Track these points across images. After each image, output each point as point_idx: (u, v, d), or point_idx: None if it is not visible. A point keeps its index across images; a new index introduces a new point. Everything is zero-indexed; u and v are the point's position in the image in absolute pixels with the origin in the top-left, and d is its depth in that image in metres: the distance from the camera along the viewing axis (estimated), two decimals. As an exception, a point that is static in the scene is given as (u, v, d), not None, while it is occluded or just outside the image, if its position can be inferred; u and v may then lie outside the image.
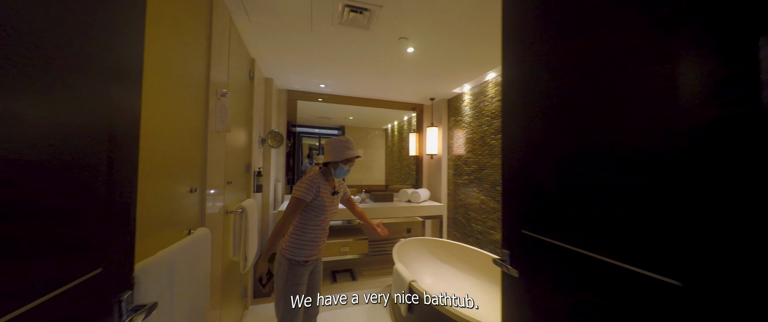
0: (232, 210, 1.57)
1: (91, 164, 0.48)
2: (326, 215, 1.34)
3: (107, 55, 0.53)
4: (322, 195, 1.30)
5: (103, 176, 0.52)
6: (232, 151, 1.68)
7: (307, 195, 1.25)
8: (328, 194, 1.34)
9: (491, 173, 2.41)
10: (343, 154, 1.35)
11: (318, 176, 1.33)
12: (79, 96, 0.46)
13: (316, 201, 1.29)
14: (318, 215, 1.30)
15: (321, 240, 1.36)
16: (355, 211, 1.68)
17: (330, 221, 1.42)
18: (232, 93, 1.70)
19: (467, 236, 2.77)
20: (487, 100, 2.48)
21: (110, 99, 0.54)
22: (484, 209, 2.51)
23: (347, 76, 2.51)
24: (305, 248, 1.30)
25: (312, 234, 1.31)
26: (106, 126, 0.53)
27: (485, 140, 2.50)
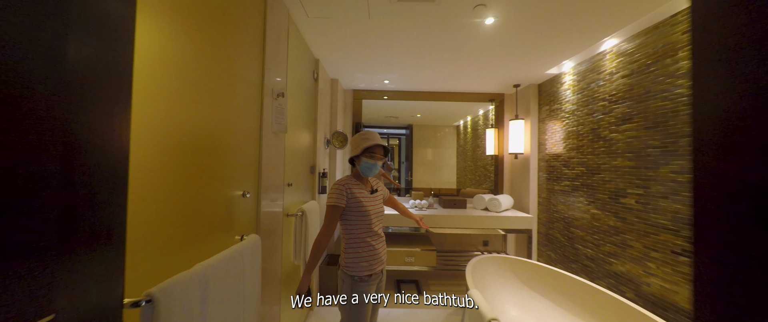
0: (292, 213, 1.51)
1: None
2: (370, 217, 1.20)
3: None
4: (358, 196, 1.18)
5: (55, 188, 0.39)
6: (294, 153, 1.63)
7: (340, 200, 1.15)
8: (364, 194, 1.22)
9: (610, 178, 1.74)
10: (359, 145, 1.22)
11: (348, 179, 1.23)
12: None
13: (353, 203, 1.17)
14: (361, 218, 1.18)
15: (378, 247, 1.21)
16: (400, 209, 1.54)
17: (381, 225, 1.28)
18: (295, 94, 1.65)
19: (568, 260, 2.12)
20: (603, 79, 1.81)
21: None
22: (597, 228, 1.84)
23: (412, 68, 2.24)
24: (363, 260, 1.17)
25: (365, 242, 1.18)
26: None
27: (599, 134, 1.83)
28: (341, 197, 1.15)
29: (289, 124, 1.55)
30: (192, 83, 0.77)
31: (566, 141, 2.16)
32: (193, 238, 0.77)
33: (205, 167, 0.82)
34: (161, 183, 0.67)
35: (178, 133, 0.72)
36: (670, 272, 1.37)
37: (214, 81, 0.86)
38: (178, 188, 0.72)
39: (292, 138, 1.59)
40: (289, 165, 1.54)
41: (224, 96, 0.91)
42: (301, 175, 1.82)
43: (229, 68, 0.93)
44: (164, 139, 0.68)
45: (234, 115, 0.96)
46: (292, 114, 1.59)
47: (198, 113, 0.80)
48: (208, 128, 0.84)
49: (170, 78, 0.69)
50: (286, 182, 1.44)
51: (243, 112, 1.02)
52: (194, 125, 0.78)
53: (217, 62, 0.87)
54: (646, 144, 1.50)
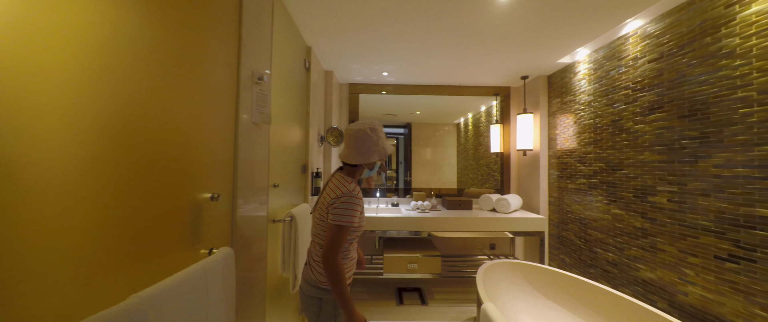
0: (279, 219, 1.30)
1: None
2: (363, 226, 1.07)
3: None
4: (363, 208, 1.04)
5: None
6: (282, 149, 1.43)
7: (354, 219, 0.95)
8: None
9: (636, 174, 1.57)
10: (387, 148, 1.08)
11: (356, 188, 1.01)
12: None
13: (360, 221, 1.02)
14: (356, 230, 1.02)
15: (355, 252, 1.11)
16: None
17: None
18: (283, 83, 1.45)
19: (585, 265, 1.95)
20: (625, 65, 1.65)
21: None
22: (620, 230, 1.67)
23: (413, 58, 2.05)
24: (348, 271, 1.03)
25: (351, 253, 1.06)
26: None
27: (621, 126, 1.67)
28: (356, 214, 0.96)
29: (276, 117, 1.35)
30: (139, 60, 0.57)
31: (581, 135, 2.00)
32: (138, 257, 0.57)
33: (159, 166, 0.63)
34: (87, 190, 0.47)
35: (115, 125, 0.52)
36: (714, 281, 1.20)
37: (170, 58, 0.66)
38: (114, 195, 0.52)
39: (279, 133, 1.39)
40: (276, 163, 1.33)
41: (185, 76, 0.71)
42: (291, 174, 1.62)
43: (192, 43, 0.73)
44: (94, 133, 0.48)
45: (199, 101, 0.77)
46: (279, 105, 1.39)
47: (145, 97, 0.60)
48: (163, 117, 0.64)
49: (103, 54, 0.50)
50: (271, 183, 1.24)
51: (212, 97, 0.82)
52: (142, 113, 0.58)
53: (174, 33, 0.67)
54: (681, 135, 1.33)
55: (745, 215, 1.10)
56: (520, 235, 2.21)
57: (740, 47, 1.12)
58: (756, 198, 1.07)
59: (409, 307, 2.20)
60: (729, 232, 1.15)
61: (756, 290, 1.06)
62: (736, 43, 1.13)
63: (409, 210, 2.42)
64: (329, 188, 1.02)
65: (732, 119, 1.14)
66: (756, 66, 1.07)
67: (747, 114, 1.10)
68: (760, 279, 1.05)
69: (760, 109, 1.06)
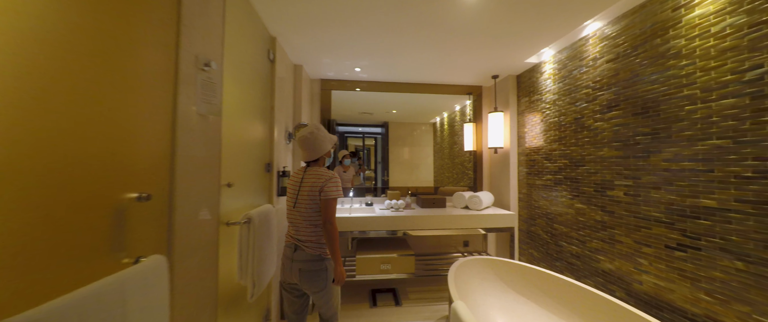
0: (234, 221, 1.19)
1: None
2: None
3: None
4: None
5: None
6: (239, 146, 1.32)
7: (341, 193, 1.32)
8: None
9: (596, 169, 1.63)
10: (329, 138, 1.40)
11: (334, 172, 1.35)
12: None
13: None
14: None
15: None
16: None
17: None
18: (242, 74, 1.34)
19: (552, 259, 2.01)
20: (586, 65, 1.72)
21: None
22: (582, 223, 1.74)
23: (385, 54, 2.01)
24: None
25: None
26: None
27: (583, 123, 1.73)
28: (341, 188, 1.33)
29: (233, 110, 1.24)
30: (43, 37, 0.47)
31: (547, 133, 2.06)
32: (30, 269, 0.46)
33: (66, 163, 0.52)
34: None
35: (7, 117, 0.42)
36: (665, 269, 1.27)
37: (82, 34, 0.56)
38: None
39: (236, 127, 1.28)
40: (231, 160, 1.23)
41: (104, 56, 0.61)
42: (252, 173, 1.50)
43: (110, 15, 0.63)
44: None
45: (124, 86, 0.66)
46: (236, 97, 1.28)
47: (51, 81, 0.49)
48: (75, 106, 0.53)
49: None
50: (223, 182, 1.13)
51: (142, 83, 0.71)
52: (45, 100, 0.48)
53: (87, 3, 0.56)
54: (635, 131, 1.40)
55: (691, 205, 1.17)
56: (492, 231, 2.24)
57: (685, 48, 1.19)
58: (700, 190, 1.13)
59: (382, 309, 2.15)
60: (677, 222, 1.22)
61: (701, 276, 1.13)
62: (682, 44, 1.20)
63: (383, 209, 2.38)
64: (311, 179, 1.30)
65: (679, 116, 1.21)
66: (699, 65, 1.14)
67: (692, 111, 1.17)
68: (705, 266, 1.12)
69: (703, 106, 1.13)
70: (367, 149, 3.06)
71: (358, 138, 3.12)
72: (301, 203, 1.30)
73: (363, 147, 3.06)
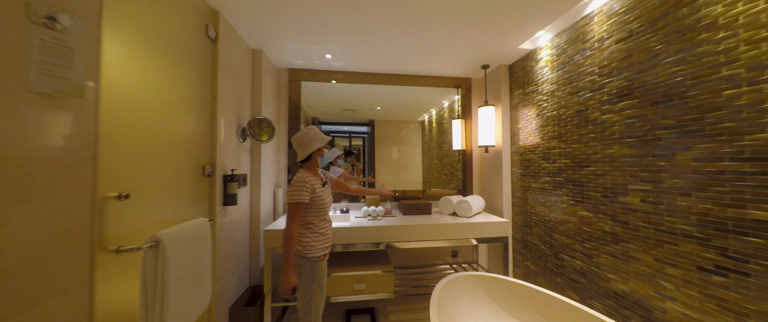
0: (128, 248, 0.87)
1: None
2: (327, 207, 1.35)
3: None
4: (318, 191, 1.30)
5: None
6: (151, 143, 0.99)
7: (304, 196, 1.23)
8: (320, 186, 1.33)
9: (604, 171, 1.37)
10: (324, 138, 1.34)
11: (306, 174, 1.29)
12: None
13: (315, 198, 1.28)
14: (320, 209, 1.31)
15: (330, 231, 1.38)
16: (352, 190, 1.64)
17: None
18: (162, 50, 1.02)
19: (551, 273, 1.75)
20: (590, 48, 1.46)
21: None
22: (588, 234, 1.47)
23: (359, 38, 1.71)
24: (320, 243, 1.31)
25: (322, 228, 1.33)
26: None
27: (587, 116, 1.47)
28: (305, 192, 1.23)
29: (136, 96, 0.92)
30: None
31: (544, 129, 1.80)
32: None
33: None
34: None
35: None
36: (697, 297, 1.01)
37: None
38: None
39: (142, 118, 0.96)
40: (129, 162, 0.91)
41: None
42: (178, 179, 1.18)
43: None
44: None
45: None
46: (142, 77, 0.96)
47: None
48: None
49: None
50: (110, 192, 0.81)
51: None
52: None
53: None
54: (654, 124, 1.14)
55: (735, 218, 0.91)
56: (484, 241, 1.96)
57: (723, 17, 0.93)
58: (747, 198, 0.88)
59: (358, 334, 1.84)
60: (715, 238, 0.96)
61: (750, 310, 0.87)
62: (718, 11, 0.94)
63: (359, 217, 2.08)
64: None
65: (715, 103, 0.95)
66: (744, 37, 0.88)
67: (734, 96, 0.91)
68: (755, 297, 0.86)
69: (749, 90, 0.87)
70: (356, 150, 2.83)
71: (345, 137, 2.89)
72: None
73: (350, 147, 2.81)
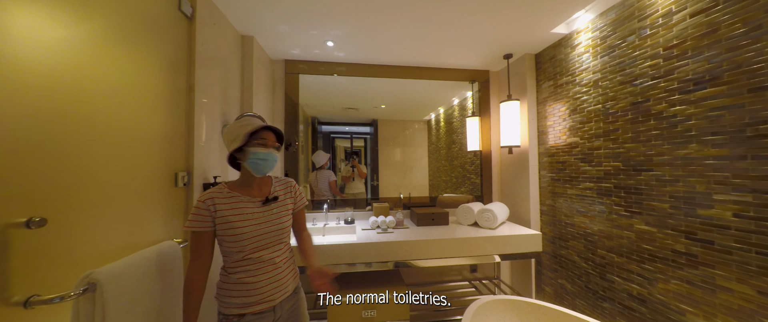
0: (46, 298, 0.59)
1: None
2: (247, 240, 0.86)
3: None
4: (227, 213, 0.86)
5: None
6: (96, 146, 0.72)
7: (199, 223, 0.84)
8: (243, 207, 0.89)
9: (675, 176, 1.11)
10: (239, 133, 0.88)
11: (219, 189, 0.90)
12: None
13: (221, 224, 0.85)
14: (236, 243, 0.86)
15: (263, 278, 0.88)
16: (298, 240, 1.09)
17: (277, 245, 0.93)
18: (116, 21, 0.75)
19: (596, 297, 1.48)
20: (652, 25, 1.19)
21: None
22: (650, 253, 1.21)
23: (364, 22, 1.45)
24: (234, 296, 0.86)
25: (239, 274, 0.86)
26: None
27: (647, 109, 1.21)
28: (200, 218, 0.84)
29: (79, 81, 0.65)
30: None
31: (585, 126, 1.54)
32: None
33: None
34: None
35: None
36: (836, 347, 0.74)
37: None
38: None
39: (75, 110, 0.69)
40: (50, 172, 0.63)
41: None
42: (137, 191, 0.91)
43: None
44: None
45: None
46: (81, 56, 0.69)
47: None
48: None
49: None
50: (18, 218, 0.54)
51: None
52: None
53: None
54: (756, 117, 0.88)
55: None
56: (512, 258, 1.69)
57: None
58: None
59: (367, 368, 1.57)
60: None
61: None
62: None
63: (366, 229, 1.80)
64: None
65: None
66: None
67: None
68: None
69: None
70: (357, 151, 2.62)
71: (346, 138, 2.68)
72: None
73: (352, 148, 2.59)
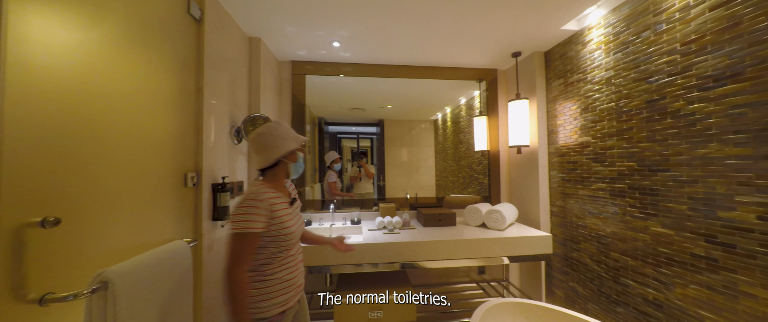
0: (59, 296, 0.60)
1: None
2: (293, 236, 0.89)
3: None
4: (280, 212, 0.86)
5: None
6: (105, 147, 0.74)
7: (257, 223, 0.80)
8: (285, 207, 0.90)
9: (694, 177, 1.06)
10: (294, 136, 0.93)
11: (261, 188, 0.86)
12: None
13: (275, 224, 0.84)
14: (283, 242, 0.86)
15: (296, 272, 0.92)
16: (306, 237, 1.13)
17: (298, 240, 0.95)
18: (126, 24, 0.76)
19: (610, 301, 1.44)
20: (668, 20, 1.15)
21: None
22: (667, 256, 1.16)
23: (370, 21, 1.44)
24: (276, 295, 0.86)
25: (282, 272, 0.87)
26: None
27: (665, 107, 1.17)
28: (259, 218, 0.80)
29: (90, 83, 0.66)
30: None
31: (597, 124, 1.49)
32: None
33: None
34: None
35: None
36: None
37: None
38: None
39: (86, 111, 0.70)
40: (65, 173, 0.65)
41: None
42: (147, 192, 0.92)
43: None
44: None
45: None
46: (91, 59, 0.70)
47: None
48: None
49: None
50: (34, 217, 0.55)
51: None
52: None
53: None
54: (784, 114, 0.84)
55: None
56: (521, 260, 1.66)
57: None
58: None
59: (373, 370, 1.56)
60: None
61: None
62: None
63: (373, 230, 1.80)
64: None
65: None
66: None
67: None
68: None
69: None
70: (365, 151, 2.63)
71: (352, 139, 2.69)
72: None
73: (358, 148, 2.60)
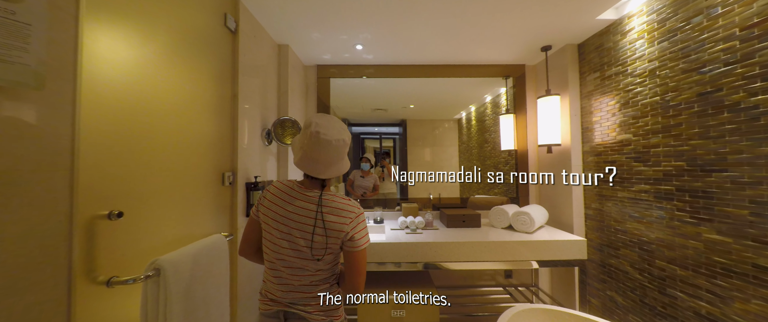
0: (122, 279, 0.69)
1: None
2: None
3: None
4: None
5: None
6: (163, 148, 0.83)
7: None
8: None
9: (757, 178, 0.95)
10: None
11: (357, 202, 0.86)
12: None
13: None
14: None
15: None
16: None
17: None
18: (170, 40, 0.86)
19: (654, 313, 1.32)
20: (723, 4, 1.03)
21: None
22: (724, 266, 1.04)
23: (392, 23, 1.45)
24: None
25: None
26: None
27: (720, 100, 1.05)
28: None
29: (144, 91, 0.75)
30: None
31: (639, 121, 1.38)
32: None
33: None
34: None
35: None
36: None
37: None
38: None
39: (142, 117, 0.79)
40: (126, 172, 0.73)
41: None
42: (192, 190, 1.01)
43: None
44: None
45: None
46: (145, 69, 0.79)
47: None
48: None
49: None
50: (99, 211, 0.63)
51: None
52: None
53: None
54: None
55: None
56: (552, 265, 1.58)
57: None
58: None
59: (396, 368, 1.57)
60: None
61: None
62: None
63: (395, 229, 1.81)
64: (332, 212, 0.79)
65: None
66: None
67: None
68: None
69: None
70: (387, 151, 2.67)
71: (375, 139, 2.74)
72: (318, 247, 0.79)
73: (381, 148, 2.64)
